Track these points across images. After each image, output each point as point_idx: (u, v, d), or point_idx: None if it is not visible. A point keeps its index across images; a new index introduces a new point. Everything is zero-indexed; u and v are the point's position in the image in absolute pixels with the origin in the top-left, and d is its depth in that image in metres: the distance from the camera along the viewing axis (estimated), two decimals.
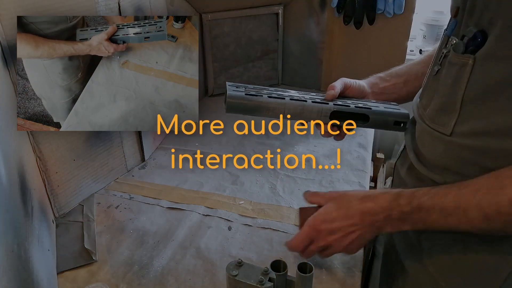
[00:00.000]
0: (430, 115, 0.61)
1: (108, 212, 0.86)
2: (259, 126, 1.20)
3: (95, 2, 0.78)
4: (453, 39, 0.57)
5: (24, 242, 0.55)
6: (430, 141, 0.61)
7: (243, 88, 0.73)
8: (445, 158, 0.58)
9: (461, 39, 0.55)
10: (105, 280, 0.69)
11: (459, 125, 0.55)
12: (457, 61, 0.55)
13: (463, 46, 0.54)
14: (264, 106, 0.70)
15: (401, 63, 1.27)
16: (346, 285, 0.68)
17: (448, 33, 0.59)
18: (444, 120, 0.57)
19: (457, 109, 0.55)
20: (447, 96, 0.57)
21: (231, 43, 1.34)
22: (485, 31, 0.51)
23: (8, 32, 0.65)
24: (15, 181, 0.59)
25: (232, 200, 0.89)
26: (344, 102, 0.74)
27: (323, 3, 1.27)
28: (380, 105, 0.76)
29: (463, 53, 0.54)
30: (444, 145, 0.58)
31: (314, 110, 0.73)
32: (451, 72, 0.56)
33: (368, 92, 0.80)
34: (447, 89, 0.57)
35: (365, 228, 0.61)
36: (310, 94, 0.78)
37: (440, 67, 0.60)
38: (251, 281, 0.55)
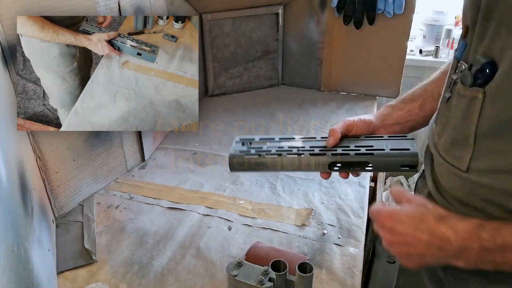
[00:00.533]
0: (444, 147, 0.56)
1: (108, 212, 0.86)
2: (259, 126, 1.20)
3: (95, 2, 0.78)
4: (462, 65, 0.52)
5: (24, 242, 0.55)
6: (447, 175, 0.57)
7: (248, 143, 0.76)
8: (464, 194, 0.54)
9: (469, 69, 0.50)
10: (105, 280, 0.69)
11: (474, 161, 0.51)
12: (466, 94, 0.51)
13: (471, 78, 0.49)
14: (263, 164, 0.73)
15: (401, 63, 1.28)
16: (346, 285, 0.68)
17: (457, 56, 0.54)
18: (459, 154, 0.53)
19: (471, 144, 0.51)
20: (459, 129, 0.52)
21: (231, 43, 1.34)
22: (495, 62, 0.46)
23: (8, 32, 0.65)
24: (15, 181, 0.59)
25: (232, 200, 0.89)
26: (346, 147, 0.71)
27: (323, 3, 1.27)
28: (388, 143, 0.70)
29: (472, 86, 0.49)
30: (461, 181, 0.53)
31: (311, 163, 0.71)
32: (461, 105, 0.52)
33: (378, 126, 0.75)
34: (458, 122, 0.52)
35: (430, 250, 0.52)
36: (313, 141, 0.75)
37: (451, 94, 0.55)
38: (251, 281, 0.55)
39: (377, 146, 0.69)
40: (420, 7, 1.64)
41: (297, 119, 1.24)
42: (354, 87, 1.38)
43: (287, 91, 1.43)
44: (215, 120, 1.24)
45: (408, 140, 0.70)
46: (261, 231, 0.81)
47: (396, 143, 0.70)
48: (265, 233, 0.80)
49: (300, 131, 1.17)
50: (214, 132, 1.17)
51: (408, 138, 0.71)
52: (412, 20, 1.21)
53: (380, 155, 0.68)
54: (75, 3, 0.74)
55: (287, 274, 0.58)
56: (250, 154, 0.73)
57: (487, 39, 0.47)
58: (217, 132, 1.17)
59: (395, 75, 1.30)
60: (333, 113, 1.27)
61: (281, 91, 1.43)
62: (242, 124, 1.21)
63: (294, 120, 1.24)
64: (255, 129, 1.18)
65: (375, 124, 0.75)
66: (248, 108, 1.31)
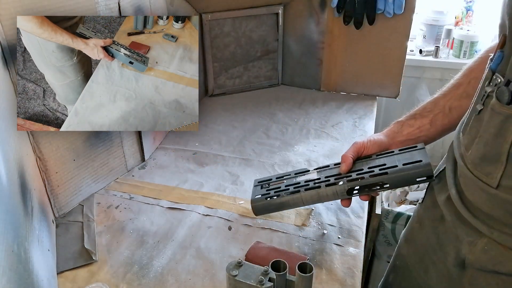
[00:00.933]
0: (473, 161, 0.54)
1: (108, 212, 0.86)
2: (259, 126, 1.20)
3: (95, 2, 0.78)
4: (497, 78, 0.50)
5: (24, 242, 0.55)
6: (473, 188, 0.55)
7: (267, 184, 0.82)
8: (491, 209, 0.53)
9: (505, 85, 0.47)
10: (105, 280, 0.69)
11: (505, 178, 0.49)
12: (501, 111, 0.49)
13: (509, 95, 0.47)
14: (285, 203, 0.77)
15: (401, 63, 1.28)
16: (346, 285, 0.68)
17: (492, 67, 0.52)
18: (489, 170, 0.51)
19: (503, 161, 0.49)
20: (490, 146, 0.51)
21: (231, 43, 1.34)
22: None
23: (8, 32, 0.65)
24: (15, 181, 0.59)
25: (232, 200, 0.89)
26: (360, 170, 0.72)
27: (323, 3, 1.27)
28: (400, 157, 0.70)
29: (508, 104, 0.47)
30: (490, 197, 0.52)
31: (329, 194, 0.74)
32: (495, 121, 0.50)
33: (389, 144, 0.74)
34: (491, 138, 0.51)
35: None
36: (328, 170, 0.79)
37: (483, 107, 0.53)
38: (251, 281, 0.55)
39: (389, 164, 0.70)
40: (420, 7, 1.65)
41: (297, 119, 1.24)
42: (354, 87, 1.38)
43: (287, 91, 1.43)
44: (215, 120, 1.24)
45: (418, 151, 0.70)
46: (261, 231, 0.81)
47: (408, 156, 0.70)
48: (265, 233, 0.80)
49: (300, 131, 1.17)
50: (214, 132, 1.18)
51: (418, 148, 0.71)
52: (412, 20, 1.21)
53: (394, 172, 0.68)
54: (75, 3, 0.74)
55: (287, 274, 0.58)
56: (270, 196, 0.78)
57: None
58: (217, 132, 1.17)
59: (395, 75, 1.30)
60: (333, 113, 1.27)
61: (281, 91, 1.43)
62: (242, 123, 1.22)
63: (294, 120, 1.24)
64: (255, 129, 1.19)
65: (386, 143, 0.74)
66: (248, 108, 1.31)
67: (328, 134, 1.16)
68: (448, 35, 1.64)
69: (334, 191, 0.73)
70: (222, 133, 1.17)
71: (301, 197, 0.76)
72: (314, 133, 1.16)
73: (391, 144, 0.74)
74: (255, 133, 1.17)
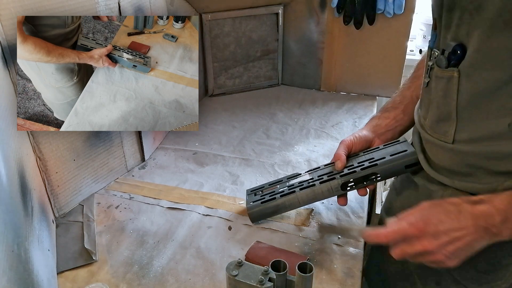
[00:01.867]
0: (430, 125, 0.62)
1: (108, 212, 0.86)
2: (259, 126, 1.20)
3: (95, 2, 0.78)
4: (435, 52, 0.59)
5: (24, 242, 0.55)
6: (434, 149, 0.63)
7: (260, 191, 0.83)
8: (452, 164, 0.59)
9: (441, 54, 0.57)
10: (105, 280, 0.69)
11: (458, 133, 0.57)
12: (443, 75, 0.57)
13: (446, 61, 0.56)
14: (281, 206, 0.78)
15: (401, 63, 1.28)
16: (346, 285, 0.68)
17: (430, 45, 0.61)
18: (444, 129, 0.59)
19: (454, 118, 0.57)
20: (442, 107, 0.59)
21: (231, 43, 1.34)
22: (464, 44, 0.53)
23: (8, 32, 0.65)
24: (15, 181, 0.59)
25: (232, 200, 0.89)
26: (350, 166, 0.76)
27: (323, 3, 1.27)
28: (386, 151, 0.75)
29: (447, 67, 0.56)
30: (449, 153, 0.59)
31: (324, 190, 0.76)
32: (440, 85, 0.58)
33: (373, 138, 0.80)
34: (440, 101, 0.59)
35: (477, 234, 0.53)
36: (319, 171, 0.80)
37: (429, 79, 0.62)
38: (251, 281, 0.55)
39: (377, 157, 0.75)
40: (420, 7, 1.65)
41: (297, 119, 1.24)
42: (354, 87, 1.38)
43: (287, 91, 1.43)
44: (215, 120, 1.24)
45: (401, 143, 0.75)
46: (261, 231, 0.81)
47: (393, 148, 0.75)
48: (265, 233, 0.80)
49: (300, 131, 1.17)
50: (214, 132, 1.18)
51: (401, 141, 0.76)
52: (412, 20, 1.21)
53: (383, 163, 0.73)
54: (75, 3, 0.74)
55: (287, 274, 0.58)
56: (265, 200, 0.79)
57: (453, 27, 0.54)
58: (217, 132, 1.17)
59: (395, 75, 1.30)
60: (333, 113, 1.27)
61: (281, 91, 1.43)
62: (242, 123, 1.22)
63: (294, 120, 1.24)
64: (255, 129, 1.19)
65: (370, 137, 0.80)
66: (248, 108, 1.31)
67: (328, 134, 1.16)
68: None
69: (329, 187, 0.76)
70: (222, 133, 1.17)
71: (296, 197, 0.77)
72: (314, 133, 1.16)
73: (374, 137, 0.80)
74: (255, 133, 1.17)
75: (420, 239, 0.55)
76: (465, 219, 0.53)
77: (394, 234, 0.57)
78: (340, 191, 0.76)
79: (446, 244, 0.54)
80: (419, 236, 0.55)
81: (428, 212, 0.56)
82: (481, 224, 0.52)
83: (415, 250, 0.56)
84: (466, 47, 0.53)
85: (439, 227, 0.54)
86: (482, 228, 0.53)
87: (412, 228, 0.56)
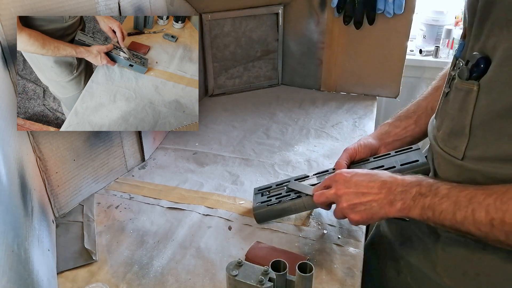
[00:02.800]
0: (442, 138, 0.61)
1: (108, 212, 0.86)
2: (259, 126, 1.20)
3: (95, 2, 0.78)
4: (460, 62, 0.57)
5: (24, 242, 0.55)
6: (444, 163, 0.61)
7: (267, 192, 0.82)
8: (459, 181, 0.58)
9: (465, 64, 0.55)
10: (105, 280, 0.69)
11: (470, 149, 0.55)
12: (462, 87, 0.55)
13: (467, 72, 0.54)
14: (287, 209, 0.78)
15: (401, 63, 1.28)
16: (346, 285, 0.68)
17: (456, 55, 0.60)
18: (455, 143, 0.57)
19: (467, 134, 0.55)
20: (456, 120, 0.57)
21: (231, 43, 1.34)
22: (489, 57, 0.51)
23: (8, 32, 0.65)
24: (15, 181, 0.59)
25: (232, 200, 0.89)
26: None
27: (323, 3, 1.27)
28: (397, 159, 0.73)
29: (468, 79, 0.54)
30: (457, 169, 0.58)
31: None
32: (458, 97, 0.56)
33: (379, 146, 0.79)
34: (455, 113, 0.57)
35: (379, 195, 0.60)
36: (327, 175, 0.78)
37: (449, 89, 0.60)
38: (251, 281, 0.55)
39: (387, 165, 0.72)
40: (420, 7, 1.65)
41: (297, 119, 1.24)
42: (354, 87, 1.38)
43: (287, 91, 1.43)
44: (215, 120, 1.24)
45: (414, 151, 0.72)
46: (261, 231, 0.81)
47: (404, 157, 0.72)
48: (265, 233, 0.80)
49: (300, 131, 1.17)
50: (214, 132, 1.18)
51: (414, 149, 0.73)
52: (412, 20, 1.21)
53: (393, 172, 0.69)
54: (75, 3, 0.74)
55: (287, 274, 0.58)
56: (272, 203, 0.79)
57: (483, 38, 0.52)
58: (217, 132, 1.17)
59: (395, 75, 1.30)
60: (333, 113, 1.27)
61: (281, 91, 1.43)
62: (242, 123, 1.22)
63: (294, 120, 1.24)
64: (255, 129, 1.19)
65: (376, 145, 0.79)
66: (248, 108, 1.31)
67: (328, 134, 1.16)
68: (448, 35, 1.64)
69: None
70: (222, 133, 1.17)
71: (303, 202, 0.76)
72: (314, 133, 1.16)
73: (380, 146, 0.79)
74: (255, 133, 1.17)
75: (337, 184, 0.66)
76: (375, 181, 0.62)
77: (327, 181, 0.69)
78: None
79: (353, 195, 0.63)
80: (337, 181, 0.66)
81: (353, 170, 0.66)
82: (385, 187, 0.60)
83: (329, 193, 0.67)
84: (491, 60, 0.51)
85: (352, 178, 0.64)
86: (385, 191, 0.60)
87: (337, 175, 0.66)
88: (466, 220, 0.52)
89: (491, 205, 0.50)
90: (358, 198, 0.62)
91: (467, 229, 0.53)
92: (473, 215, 0.51)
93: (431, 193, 0.56)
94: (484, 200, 0.51)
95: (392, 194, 0.60)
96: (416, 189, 0.58)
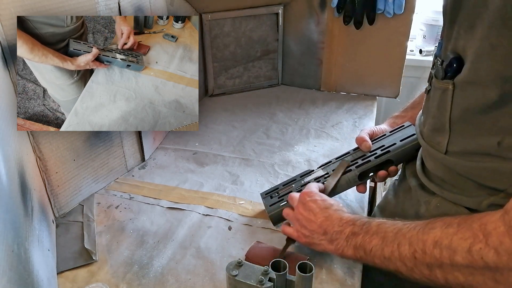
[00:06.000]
0: (426, 134, 0.63)
1: (108, 212, 0.86)
2: (259, 126, 1.20)
3: (95, 2, 0.78)
4: (438, 61, 0.59)
5: (24, 242, 0.55)
6: (429, 157, 0.63)
7: (276, 193, 0.82)
8: (444, 173, 0.60)
9: (440, 64, 0.57)
10: (105, 280, 0.69)
11: (451, 145, 0.57)
12: (439, 86, 0.57)
13: (442, 72, 0.56)
14: None
15: (401, 63, 1.28)
16: (346, 285, 0.68)
17: (436, 53, 0.61)
18: (438, 139, 0.59)
19: (447, 130, 0.57)
20: (436, 117, 0.59)
21: (231, 43, 1.34)
22: (461, 57, 0.53)
23: (8, 32, 0.65)
24: (15, 181, 0.59)
25: (232, 200, 0.89)
26: (363, 156, 0.77)
27: (323, 3, 1.27)
28: (394, 137, 0.77)
29: (443, 78, 0.56)
30: (441, 162, 0.60)
31: (343, 183, 0.77)
32: (436, 95, 0.58)
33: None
34: (435, 111, 0.59)
35: (319, 230, 0.64)
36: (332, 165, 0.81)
37: (430, 87, 0.62)
38: (251, 281, 0.55)
39: (388, 144, 0.76)
40: (420, 7, 1.65)
41: (297, 119, 1.24)
42: (354, 87, 1.38)
43: (287, 91, 1.43)
44: (215, 120, 1.24)
45: (407, 128, 0.77)
46: (261, 231, 0.81)
47: (400, 134, 0.77)
48: (265, 233, 0.80)
49: (300, 131, 1.17)
50: (214, 132, 1.18)
51: (406, 126, 0.78)
52: (412, 20, 1.21)
53: (395, 149, 0.75)
54: (75, 3, 0.74)
55: (287, 274, 0.58)
56: (284, 203, 0.78)
57: (453, 39, 0.54)
58: (217, 132, 1.17)
59: (395, 75, 1.30)
60: (333, 113, 1.27)
61: (281, 91, 1.43)
62: (242, 123, 1.22)
63: (294, 120, 1.24)
64: (255, 129, 1.19)
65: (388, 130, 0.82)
66: (248, 108, 1.31)
67: (328, 134, 1.16)
68: None
69: (347, 179, 0.76)
70: (222, 133, 1.17)
71: None
72: (314, 133, 1.16)
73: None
74: (255, 133, 1.17)
75: (298, 203, 0.70)
76: (321, 215, 0.65)
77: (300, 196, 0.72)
78: (358, 181, 0.76)
79: (304, 219, 0.67)
80: (299, 201, 0.70)
81: (323, 195, 0.70)
82: (324, 225, 0.64)
83: (290, 216, 0.71)
84: (464, 61, 0.52)
85: (308, 204, 0.67)
86: (323, 230, 0.64)
87: (301, 195, 0.70)
88: (393, 255, 0.53)
89: (413, 236, 0.51)
90: (305, 223, 0.66)
91: (395, 266, 0.53)
92: (399, 249, 0.52)
93: (363, 231, 0.58)
94: (408, 232, 0.52)
95: (329, 234, 0.63)
96: (350, 229, 0.60)
